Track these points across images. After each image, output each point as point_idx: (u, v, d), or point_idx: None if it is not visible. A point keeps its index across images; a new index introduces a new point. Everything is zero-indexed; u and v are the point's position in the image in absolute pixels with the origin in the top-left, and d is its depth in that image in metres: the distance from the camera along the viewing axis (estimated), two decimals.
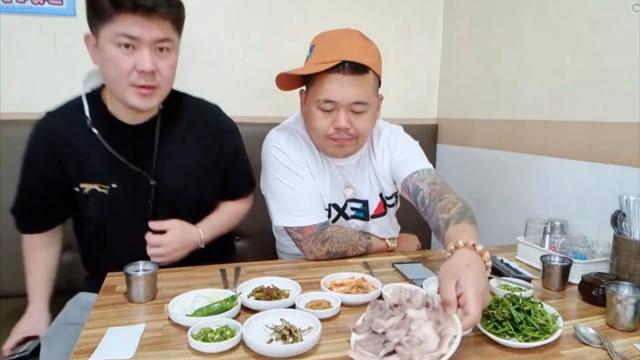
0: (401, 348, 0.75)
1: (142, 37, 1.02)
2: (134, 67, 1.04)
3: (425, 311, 0.82)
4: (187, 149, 1.25)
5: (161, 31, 1.04)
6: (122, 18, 1.00)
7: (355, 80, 1.16)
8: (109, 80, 1.10)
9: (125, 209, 1.20)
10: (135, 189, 1.19)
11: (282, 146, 1.30)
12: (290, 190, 1.27)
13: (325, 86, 1.16)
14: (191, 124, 1.27)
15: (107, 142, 1.15)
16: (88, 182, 1.16)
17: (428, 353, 0.73)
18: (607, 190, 1.31)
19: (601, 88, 1.36)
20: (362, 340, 0.81)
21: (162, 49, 1.07)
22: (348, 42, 1.18)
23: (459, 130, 2.05)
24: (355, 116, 1.20)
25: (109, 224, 1.21)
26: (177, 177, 1.23)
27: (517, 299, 0.91)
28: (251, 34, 1.91)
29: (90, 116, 1.15)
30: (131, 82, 1.06)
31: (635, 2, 1.24)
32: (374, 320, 0.83)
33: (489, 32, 1.83)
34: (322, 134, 1.23)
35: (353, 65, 1.15)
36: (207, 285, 1.08)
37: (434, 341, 0.75)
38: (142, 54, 1.03)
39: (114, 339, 0.84)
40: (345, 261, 1.31)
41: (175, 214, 1.23)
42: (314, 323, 0.86)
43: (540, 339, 0.83)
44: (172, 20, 1.07)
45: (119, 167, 1.16)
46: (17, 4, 1.64)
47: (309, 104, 1.24)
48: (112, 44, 1.03)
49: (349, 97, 1.17)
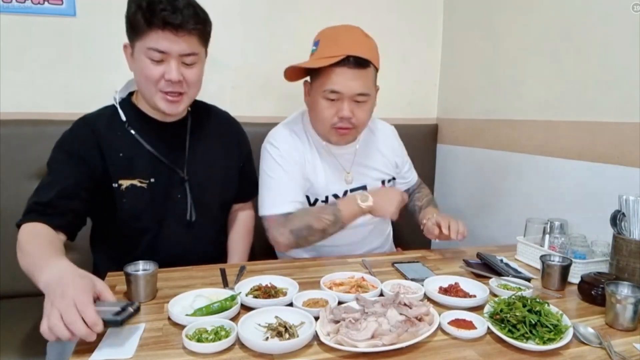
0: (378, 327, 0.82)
1: (170, 51, 1.14)
2: (162, 76, 1.16)
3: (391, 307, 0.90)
4: (212, 150, 1.36)
5: (187, 46, 1.15)
6: (153, 34, 1.12)
7: (359, 73, 1.26)
8: (141, 86, 1.21)
9: (161, 204, 1.26)
10: (170, 184, 1.27)
11: (277, 142, 1.39)
12: (269, 180, 1.37)
13: (332, 78, 1.26)
14: (216, 128, 1.40)
15: (144, 140, 1.24)
16: (127, 178, 1.22)
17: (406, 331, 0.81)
18: (607, 190, 1.31)
19: (601, 88, 1.36)
20: (332, 331, 0.84)
21: (188, 62, 1.18)
22: (351, 38, 1.29)
23: (459, 130, 2.05)
24: (357, 106, 1.30)
25: (143, 220, 1.24)
26: (205, 173, 1.33)
27: (526, 300, 0.91)
28: (251, 34, 1.91)
29: (126, 118, 1.25)
30: (159, 88, 1.17)
31: (635, 2, 1.24)
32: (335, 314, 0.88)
33: (489, 32, 1.83)
34: (327, 124, 1.32)
35: (357, 59, 1.24)
36: (207, 285, 1.08)
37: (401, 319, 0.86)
38: (170, 66, 1.15)
39: (114, 339, 0.84)
40: (345, 260, 1.31)
41: (204, 209, 1.32)
42: (307, 320, 0.87)
43: (555, 339, 0.83)
44: (198, 35, 1.18)
45: (156, 163, 1.25)
46: (17, 4, 1.64)
47: (315, 94, 1.32)
48: (144, 56, 1.15)
49: (353, 89, 1.26)
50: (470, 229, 1.42)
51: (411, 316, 0.87)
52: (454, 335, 0.87)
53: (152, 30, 1.11)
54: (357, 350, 0.79)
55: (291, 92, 1.35)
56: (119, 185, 1.21)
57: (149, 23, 1.11)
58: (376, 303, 0.93)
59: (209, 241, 1.37)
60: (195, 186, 1.30)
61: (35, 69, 1.70)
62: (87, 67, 1.74)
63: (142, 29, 1.12)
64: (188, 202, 1.28)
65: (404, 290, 1.04)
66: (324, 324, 0.86)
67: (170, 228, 1.27)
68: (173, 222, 1.27)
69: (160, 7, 1.09)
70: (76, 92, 1.74)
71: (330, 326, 0.85)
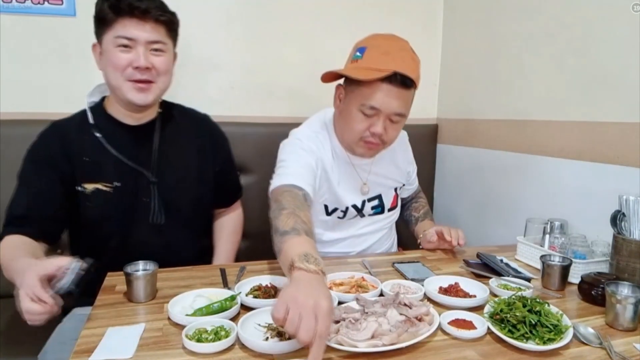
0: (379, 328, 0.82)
1: (137, 38, 1.16)
2: (130, 63, 1.16)
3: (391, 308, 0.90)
4: (184, 150, 1.34)
5: (155, 33, 1.18)
6: (121, 22, 1.15)
7: (403, 93, 1.22)
8: (109, 78, 1.20)
9: (127, 208, 1.24)
10: (137, 187, 1.25)
11: (302, 137, 1.34)
12: (284, 163, 1.28)
13: (375, 94, 1.20)
14: (187, 127, 1.37)
15: (109, 144, 1.24)
16: (91, 182, 1.21)
17: (407, 331, 0.81)
18: (607, 190, 1.31)
19: (601, 88, 1.36)
20: (332, 331, 0.83)
21: (156, 50, 1.19)
22: (401, 54, 1.23)
23: (459, 130, 2.05)
24: (391, 124, 1.27)
25: (109, 224, 1.23)
26: (175, 175, 1.31)
27: (526, 300, 0.91)
28: (251, 34, 1.91)
29: (93, 122, 1.25)
30: (127, 77, 1.17)
31: (635, 2, 1.24)
32: None
33: (489, 32, 1.82)
34: (357, 136, 1.28)
35: (403, 78, 1.20)
36: (207, 285, 1.08)
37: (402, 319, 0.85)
38: (138, 52, 1.16)
39: (113, 339, 0.84)
40: (345, 260, 1.31)
41: (174, 212, 1.29)
42: None
43: (555, 339, 0.83)
44: (165, 25, 1.20)
45: (122, 167, 1.23)
46: (17, 4, 1.64)
47: (350, 103, 1.26)
48: (112, 46, 1.16)
49: (393, 108, 1.22)
50: (470, 229, 1.42)
51: (411, 316, 0.87)
52: (454, 335, 0.87)
53: (119, 18, 1.14)
54: (357, 351, 0.79)
55: (291, 93, 1.34)
56: (83, 189, 1.21)
57: (117, 11, 1.14)
58: (376, 303, 0.93)
59: (182, 245, 1.34)
60: (165, 189, 1.28)
61: (35, 69, 1.70)
62: (87, 67, 1.73)
63: (109, 19, 1.14)
64: (155, 205, 1.26)
65: (404, 290, 1.04)
66: None
67: (139, 231, 1.26)
68: (142, 226, 1.26)
69: None
70: (76, 92, 1.73)
71: (331, 326, 0.85)
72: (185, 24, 1.29)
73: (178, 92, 1.68)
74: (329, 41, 1.91)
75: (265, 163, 1.50)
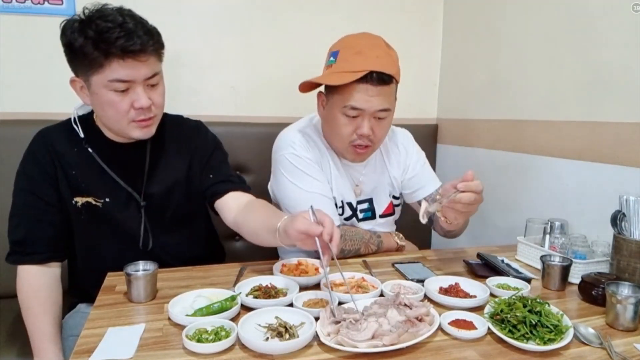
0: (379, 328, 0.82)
1: (135, 79, 1.07)
2: (131, 105, 1.10)
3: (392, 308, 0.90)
4: (175, 161, 1.29)
5: (150, 69, 1.09)
6: (113, 65, 1.04)
7: (382, 89, 1.21)
8: (108, 120, 1.15)
9: (116, 224, 1.22)
10: (125, 205, 1.22)
11: (298, 150, 1.34)
12: (304, 193, 1.31)
13: (353, 95, 1.20)
14: (172, 137, 1.30)
15: (100, 159, 1.20)
16: (82, 196, 1.19)
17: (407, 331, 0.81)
18: (607, 190, 1.31)
19: (601, 88, 1.36)
20: (332, 331, 0.84)
21: (153, 84, 1.13)
22: (374, 51, 1.22)
23: (459, 130, 2.05)
24: (377, 122, 1.26)
25: (101, 236, 1.22)
26: (166, 194, 1.26)
27: (526, 300, 0.91)
28: (251, 34, 1.91)
29: (84, 136, 1.19)
30: (131, 119, 1.12)
31: (635, 2, 1.24)
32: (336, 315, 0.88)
33: (489, 32, 1.83)
34: (346, 141, 1.28)
35: (380, 75, 1.19)
36: (207, 285, 1.08)
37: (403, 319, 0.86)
38: (137, 93, 1.09)
39: (114, 339, 0.84)
40: (345, 261, 1.31)
41: (165, 225, 1.27)
42: (307, 320, 0.87)
43: (556, 340, 0.83)
44: (156, 53, 1.11)
45: (112, 183, 1.20)
46: (17, 4, 1.64)
47: (332, 108, 1.27)
48: (106, 90, 1.07)
49: (375, 106, 1.22)
50: (471, 229, 1.42)
51: (411, 316, 0.87)
52: (455, 335, 0.87)
53: (110, 61, 1.03)
54: (357, 351, 0.79)
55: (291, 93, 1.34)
56: (75, 202, 1.19)
57: (106, 54, 1.02)
58: (374, 304, 0.93)
59: (173, 256, 1.29)
60: (156, 209, 1.25)
61: (35, 69, 1.70)
62: None
63: (97, 61, 1.02)
64: (142, 231, 1.23)
65: (404, 290, 1.04)
66: (324, 324, 0.85)
67: (133, 244, 1.23)
68: (133, 239, 1.23)
69: (113, 35, 1.00)
70: (75, 93, 1.73)
71: (331, 326, 0.85)
72: (185, 24, 1.28)
73: (178, 92, 1.69)
74: (329, 41, 1.90)
75: (264, 163, 1.51)
